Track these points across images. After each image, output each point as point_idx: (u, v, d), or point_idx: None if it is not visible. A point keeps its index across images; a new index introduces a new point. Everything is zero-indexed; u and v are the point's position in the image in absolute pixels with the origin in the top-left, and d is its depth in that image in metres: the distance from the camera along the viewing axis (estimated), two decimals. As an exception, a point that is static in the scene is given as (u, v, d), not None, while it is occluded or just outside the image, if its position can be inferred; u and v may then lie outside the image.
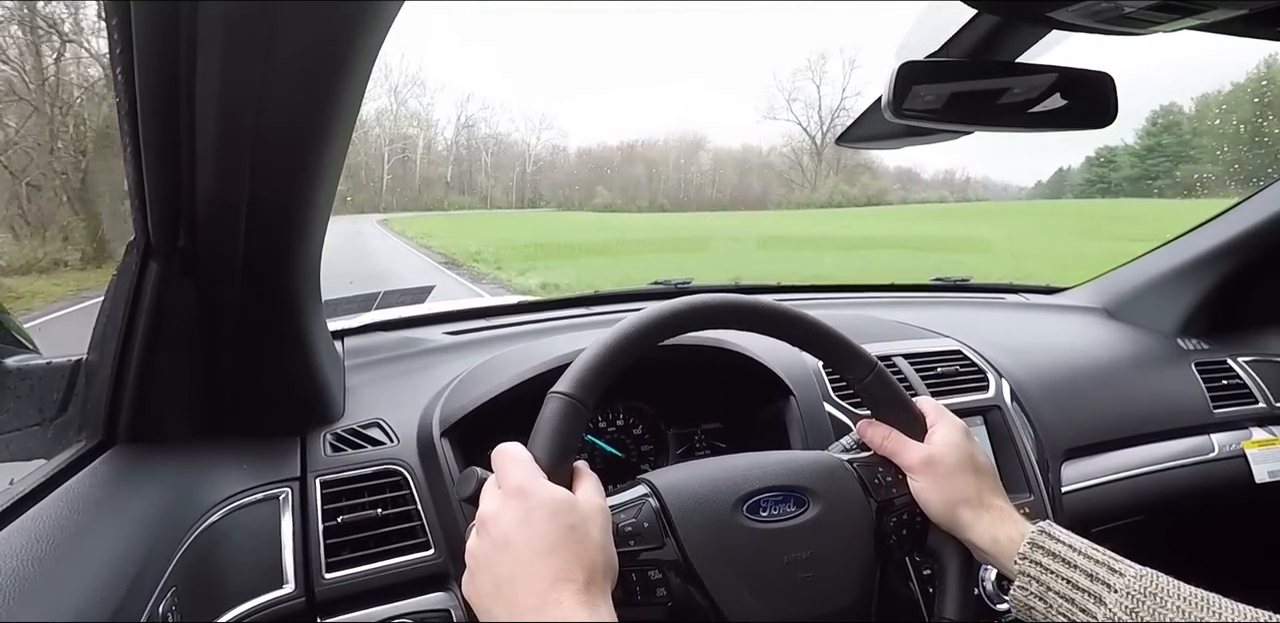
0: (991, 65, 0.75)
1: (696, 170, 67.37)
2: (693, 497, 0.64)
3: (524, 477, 0.56)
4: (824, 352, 0.74)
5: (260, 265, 0.77)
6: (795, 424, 1.06)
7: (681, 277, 1.67)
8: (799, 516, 0.65)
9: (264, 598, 0.77)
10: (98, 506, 0.71)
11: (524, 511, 0.53)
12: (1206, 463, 1.40)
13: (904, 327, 1.45)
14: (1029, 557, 0.63)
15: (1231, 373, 1.56)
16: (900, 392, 0.74)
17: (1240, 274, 1.56)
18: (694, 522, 0.63)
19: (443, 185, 64.41)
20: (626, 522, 0.62)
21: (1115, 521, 1.29)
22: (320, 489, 0.86)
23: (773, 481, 0.67)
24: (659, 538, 0.61)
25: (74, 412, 0.85)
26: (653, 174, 67.28)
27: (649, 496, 0.64)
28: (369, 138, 57.06)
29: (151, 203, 0.69)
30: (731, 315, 0.70)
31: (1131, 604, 0.57)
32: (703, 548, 0.61)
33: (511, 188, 68.85)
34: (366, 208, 50.72)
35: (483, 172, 69.30)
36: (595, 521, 0.55)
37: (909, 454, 0.71)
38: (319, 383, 0.95)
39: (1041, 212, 33.12)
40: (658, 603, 0.60)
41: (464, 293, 9.36)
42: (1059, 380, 1.38)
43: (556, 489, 0.55)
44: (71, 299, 7.41)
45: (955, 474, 0.69)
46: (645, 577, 0.60)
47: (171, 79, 0.58)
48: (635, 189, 65.33)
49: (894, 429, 0.73)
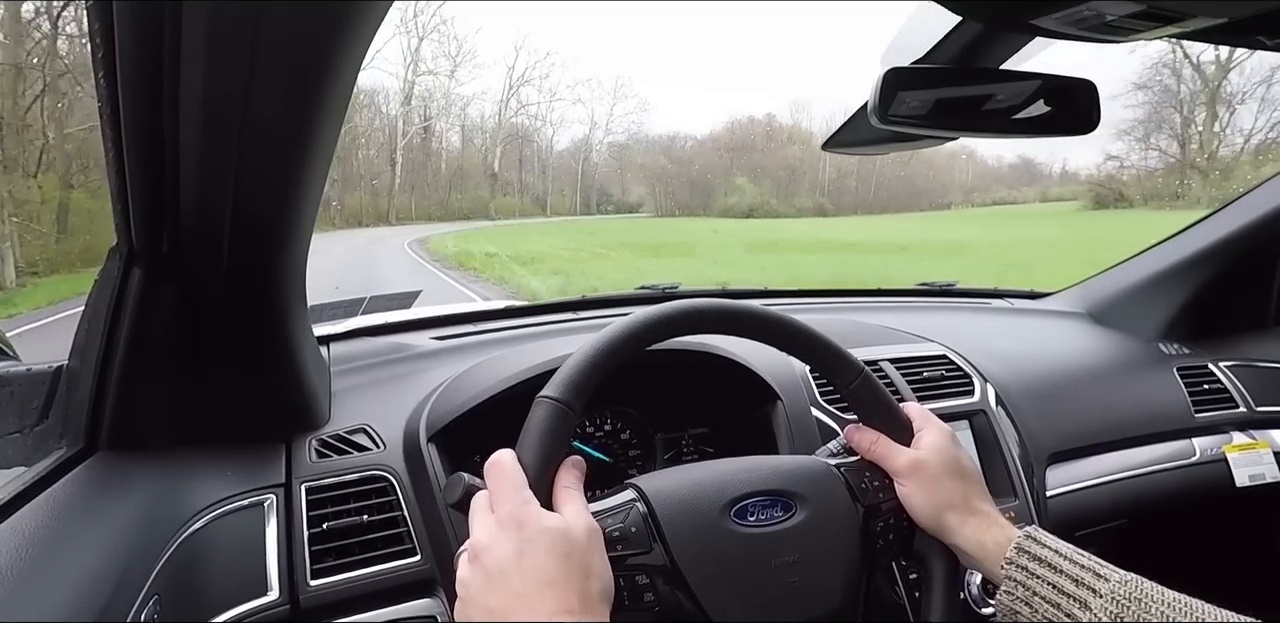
0: (976, 72, 0.76)
1: (835, 161, 45.97)
2: (680, 502, 0.64)
3: (516, 504, 0.55)
4: (811, 356, 0.75)
5: (244, 271, 0.76)
6: (782, 429, 1.07)
7: (669, 281, 1.67)
8: (786, 520, 0.66)
9: (248, 606, 0.76)
10: (79, 513, 0.70)
11: (519, 542, 0.53)
12: (1188, 467, 1.41)
13: (890, 331, 1.46)
14: (1015, 562, 0.63)
15: (1213, 378, 1.58)
16: (887, 397, 0.74)
17: (1221, 279, 1.58)
18: (682, 527, 0.63)
19: (484, 179, 46.33)
20: (614, 527, 0.61)
21: (1099, 524, 1.29)
22: (305, 496, 0.86)
23: (760, 485, 0.67)
24: (647, 543, 0.61)
25: (55, 419, 0.84)
26: (796, 164, 49.11)
27: (637, 500, 0.64)
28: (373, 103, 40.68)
29: (134, 208, 0.69)
30: (719, 320, 0.70)
31: (1116, 609, 0.57)
32: (690, 553, 0.61)
33: (578, 181, 52.02)
34: (368, 216, 37.16)
35: (535, 161, 51.47)
36: (590, 547, 0.55)
37: (896, 459, 0.71)
38: (304, 389, 0.95)
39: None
40: (645, 608, 0.60)
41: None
42: (1043, 385, 1.39)
43: (550, 518, 0.55)
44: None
45: (942, 479, 0.69)
46: (633, 582, 0.60)
47: (155, 83, 0.57)
48: (789, 182, 47.27)
49: (881, 434, 0.73)
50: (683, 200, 50.40)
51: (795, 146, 51.36)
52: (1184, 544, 1.57)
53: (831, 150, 0.99)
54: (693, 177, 51.26)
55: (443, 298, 10.63)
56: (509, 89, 50.58)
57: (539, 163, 53.21)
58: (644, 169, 54.92)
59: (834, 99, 57.10)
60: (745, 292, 1.81)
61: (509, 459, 0.59)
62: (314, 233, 0.80)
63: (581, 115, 62.31)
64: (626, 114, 62.11)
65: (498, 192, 47.46)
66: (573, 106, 63.02)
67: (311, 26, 0.54)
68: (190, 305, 0.79)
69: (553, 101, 53.31)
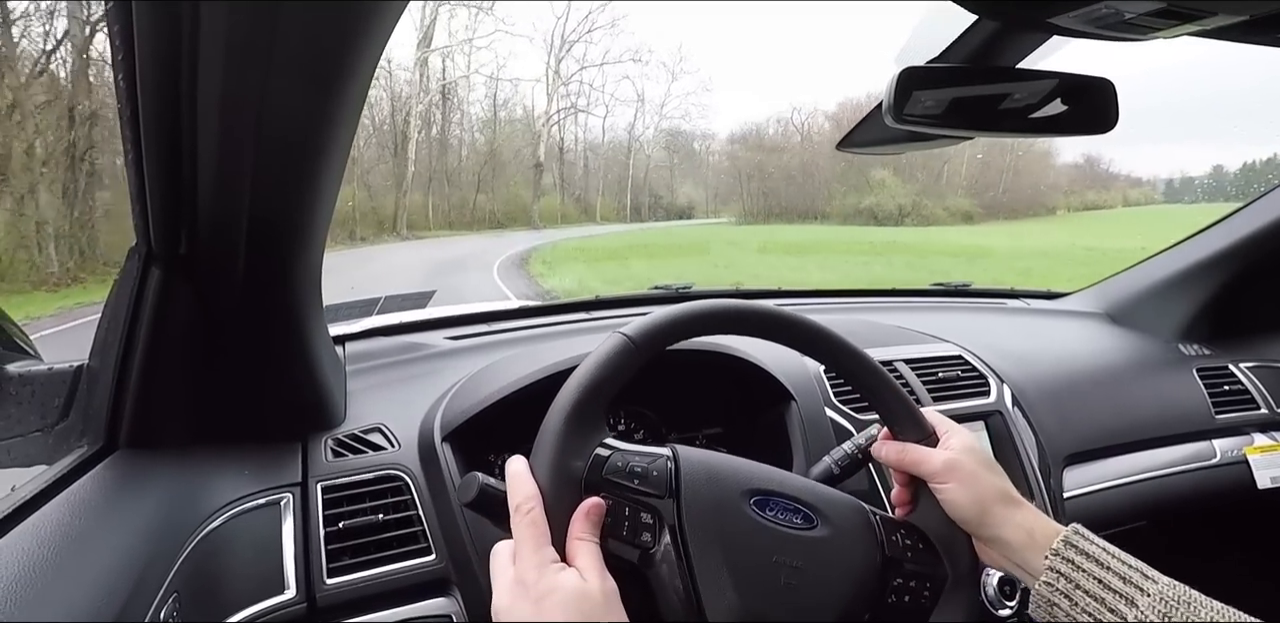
0: (992, 71, 0.75)
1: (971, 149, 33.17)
2: (709, 472, 0.64)
3: (535, 565, 0.55)
4: (828, 359, 0.74)
5: (261, 271, 0.77)
6: (797, 429, 1.06)
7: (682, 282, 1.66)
8: (803, 530, 0.64)
9: (265, 604, 0.77)
10: (99, 511, 0.71)
11: (536, 604, 0.53)
12: (1208, 469, 1.40)
13: (905, 332, 1.45)
14: (1061, 553, 0.63)
15: (1233, 379, 1.56)
16: (911, 403, 0.73)
17: (1242, 279, 1.56)
18: (700, 492, 0.62)
19: (525, 175, 33.88)
20: (638, 465, 0.61)
21: (1117, 527, 1.28)
22: (321, 495, 0.86)
23: (790, 491, 0.66)
24: (663, 490, 0.61)
25: (75, 417, 0.85)
26: (950, 151, 27.21)
27: (669, 458, 0.64)
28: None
29: (153, 209, 0.70)
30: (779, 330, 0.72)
31: (1164, 609, 0.57)
32: (699, 519, 0.60)
33: (628, 179, 38.95)
34: (366, 225, 24.50)
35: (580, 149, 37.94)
36: (607, 607, 0.55)
37: (931, 461, 0.69)
38: (320, 388, 0.95)
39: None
40: (639, 546, 0.59)
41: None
42: (1060, 386, 1.38)
43: (569, 578, 0.55)
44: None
45: (980, 474, 0.68)
46: (637, 517, 0.60)
47: (173, 85, 0.58)
48: (936, 179, 34.93)
49: (908, 443, 0.72)
50: (788, 201, 38.04)
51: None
52: (1204, 547, 1.56)
53: (845, 150, 0.98)
54: (790, 171, 38.27)
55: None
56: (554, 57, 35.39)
57: (585, 152, 39.48)
58: (730, 161, 41.95)
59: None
60: (757, 292, 1.81)
61: (531, 496, 0.58)
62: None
63: (629, 94, 50.01)
64: (687, 94, 51.39)
65: (542, 191, 34.98)
66: (621, 83, 49.56)
67: (328, 28, 0.54)
68: (207, 305, 0.80)
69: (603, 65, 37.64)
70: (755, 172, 39.62)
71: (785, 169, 38.97)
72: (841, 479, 0.78)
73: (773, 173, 39.05)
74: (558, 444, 0.60)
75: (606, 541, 0.58)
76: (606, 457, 0.62)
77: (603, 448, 0.62)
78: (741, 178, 40.42)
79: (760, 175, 39.35)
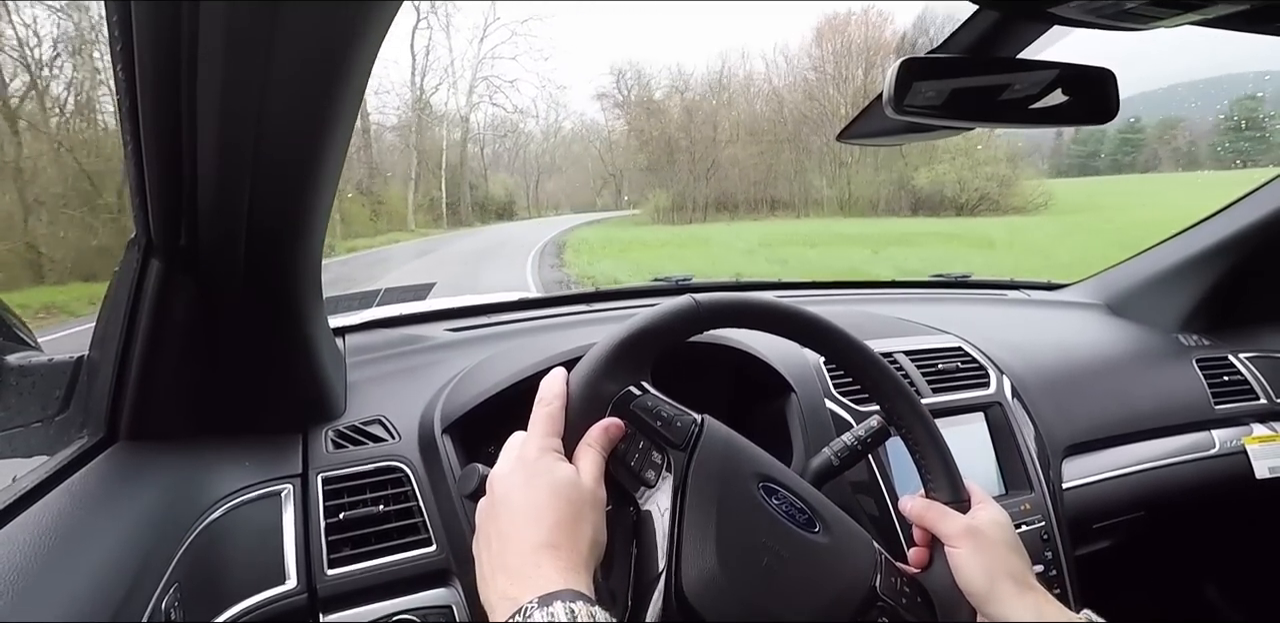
0: (992, 61, 0.75)
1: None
2: (729, 447, 0.64)
3: (541, 448, 0.58)
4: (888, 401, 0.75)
5: (260, 263, 0.77)
6: (796, 421, 1.06)
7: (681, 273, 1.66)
8: (801, 528, 0.63)
9: (266, 595, 0.77)
10: (100, 502, 0.71)
11: (528, 475, 0.56)
12: (1207, 459, 1.40)
13: (905, 323, 1.45)
14: None
15: (1233, 369, 1.56)
16: (956, 471, 0.73)
17: (1241, 270, 1.56)
18: (715, 457, 0.62)
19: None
20: (666, 411, 0.63)
21: (1116, 517, 1.29)
22: (322, 486, 0.87)
23: (803, 493, 0.66)
24: (681, 441, 0.62)
25: (76, 409, 0.86)
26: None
27: (696, 421, 0.64)
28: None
29: (152, 201, 0.69)
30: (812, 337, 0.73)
31: None
32: (704, 479, 0.60)
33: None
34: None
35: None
36: (593, 502, 0.56)
37: (951, 523, 0.68)
38: (320, 380, 0.95)
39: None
40: (640, 480, 0.60)
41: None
42: (1060, 377, 1.38)
43: (565, 468, 0.57)
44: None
45: (999, 547, 0.66)
46: (649, 455, 0.61)
47: (172, 78, 0.58)
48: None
49: (935, 502, 0.71)
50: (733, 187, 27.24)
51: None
52: (1203, 537, 1.56)
53: (846, 141, 0.98)
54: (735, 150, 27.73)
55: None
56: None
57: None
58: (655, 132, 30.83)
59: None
60: (757, 284, 1.81)
61: (558, 395, 0.61)
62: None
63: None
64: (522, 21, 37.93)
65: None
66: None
67: (327, 23, 0.54)
68: (207, 297, 0.80)
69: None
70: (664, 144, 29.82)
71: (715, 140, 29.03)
72: (841, 471, 0.78)
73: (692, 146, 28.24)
74: (598, 365, 0.62)
75: (612, 464, 0.59)
76: (639, 394, 0.63)
77: (637, 388, 0.64)
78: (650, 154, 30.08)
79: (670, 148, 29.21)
